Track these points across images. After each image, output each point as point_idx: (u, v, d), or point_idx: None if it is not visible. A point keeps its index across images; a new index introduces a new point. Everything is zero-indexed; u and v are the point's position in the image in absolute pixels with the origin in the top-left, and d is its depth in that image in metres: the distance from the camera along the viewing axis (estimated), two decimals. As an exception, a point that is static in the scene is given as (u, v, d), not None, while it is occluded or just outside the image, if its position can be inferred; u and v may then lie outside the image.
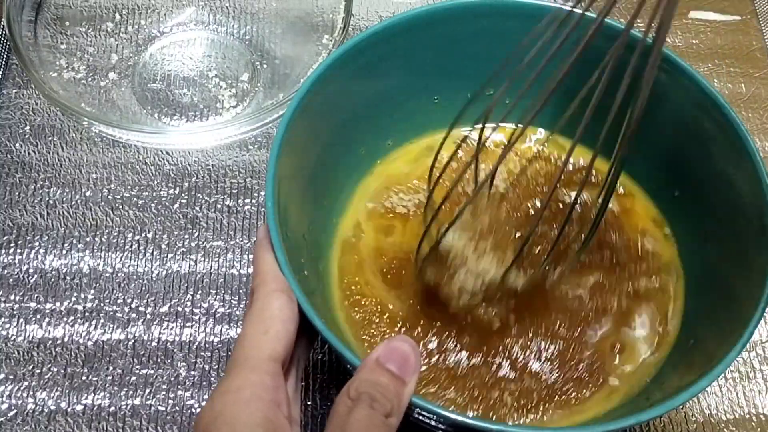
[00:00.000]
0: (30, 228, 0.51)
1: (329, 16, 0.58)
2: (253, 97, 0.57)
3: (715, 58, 0.62)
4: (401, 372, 0.34)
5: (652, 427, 0.47)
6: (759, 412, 0.47)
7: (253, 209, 0.53)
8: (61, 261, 0.50)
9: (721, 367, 0.35)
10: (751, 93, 0.60)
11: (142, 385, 0.46)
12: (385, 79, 0.47)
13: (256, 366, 0.33)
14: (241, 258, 0.51)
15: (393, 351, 0.34)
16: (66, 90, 0.54)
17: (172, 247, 0.51)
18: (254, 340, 0.34)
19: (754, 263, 0.39)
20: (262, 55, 0.59)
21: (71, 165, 0.54)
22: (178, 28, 0.60)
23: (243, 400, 0.32)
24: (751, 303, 0.37)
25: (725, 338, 0.37)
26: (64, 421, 0.45)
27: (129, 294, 0.49)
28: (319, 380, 0.47)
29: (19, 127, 0.55)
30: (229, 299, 0.49)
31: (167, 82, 0.58)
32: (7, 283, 0.49)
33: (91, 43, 0.58)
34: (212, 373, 0.47)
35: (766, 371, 0.49)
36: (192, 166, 0.54)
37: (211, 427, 0.32)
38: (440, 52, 0.47)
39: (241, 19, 0.61)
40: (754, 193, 0.41)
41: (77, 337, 0.48)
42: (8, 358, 0.47)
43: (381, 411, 0.32)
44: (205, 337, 0.48)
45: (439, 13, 0.46)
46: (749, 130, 0.42)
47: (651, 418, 0.35)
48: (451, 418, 0.34)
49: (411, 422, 0.38)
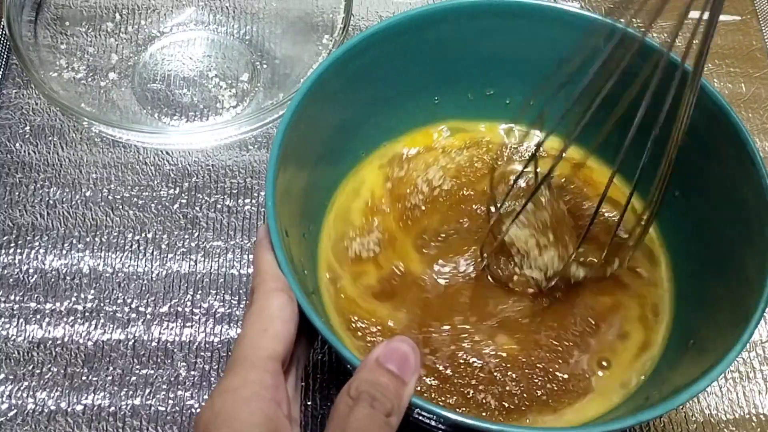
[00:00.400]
0: (30, 228, 0.51)
1: (329, 16, 0.58)
2: (253, 97, 0.57)
3: (715, 58, 0.62)
4: (401, 372, 0.34)
5: (652, 427, 0.47)
6: (759, 412, 0.47)
7: (253, 209, 0.53)
8: (61, 261, 0.50)
9: (720, 368, 0.35)
10: (751, 93, 0.60)
11: (142, 385, 0.46)
12: (385, 80, 0.47)
13: (256, 365, 0.33)
14: (241, 258, 0.51)
15: (393, 351, 0.34)
16: (66, 90, 0.54)
17: (172, 247, 0.51)
18: (254, 340, 0.34)
19: (753, 264, 0.39)
20: (262, 55, 0.59)
21: (71, 165, 0.54)
22: (178, 28, 0.60)
23: (243, 399, 0.32)
24: (750, 303, 0.37)
25: (725, 338, 0.37)
26: (64, 421, 0.45)
27: (129, 294, 0.49)
28: (319, 380, 0.47)
29: (19, 127, 0.55)
30: (229, 299, 0.49)
31: (167, 82, 0.58)
32: (7, 283, 0.49)
33: (91, 43, 0.58)
34: (212, 373, 0.47)
35: (766, 371, 0.49)
36: (192, 166, 0.54)
37: (211, 426, 0.32)
38: (440, 53, 0.47)
39: (241, 19, 0.61)
40: (754, 194, 0.41)
41: (77, 337, 0.48)
42: (8, 358, 0.47)
43: (381, 410, 0.32)
44: (205, 337, 0.48)
45: (439, 13, 0.46)
46: (749, 130, 0.42)
47: (650, 419, 0.35)
48: (451, 418, 0.34)
49: (411, 422, 0.38)
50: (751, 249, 0.40)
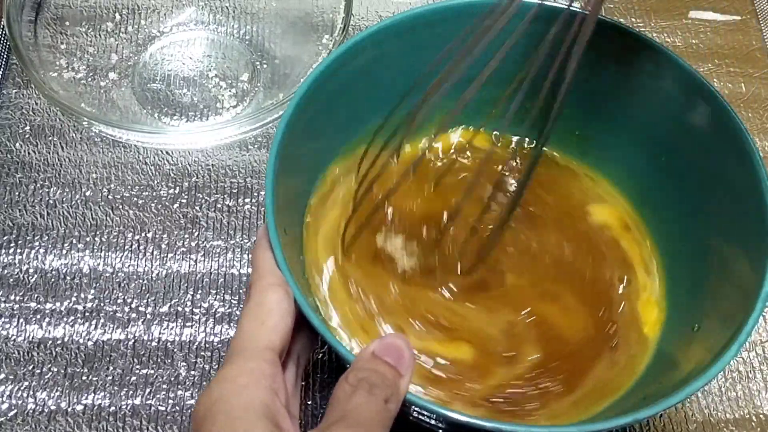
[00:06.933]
0: (30, 228, 0.51)
1: (329, 16, 0.58)
2: (253, 97, 0.57)
3: (715, 58, 0.62)
4: (397, 365, 0.34)
5: (652, 426, 0.47)
6: (759, 411, 0.47)
7: (253, 209, 0.53)
8: (61, 261, 0.50)
9: (717, 367, 0.35)
10: (751, 93, 0.60)
11: (142, 385, 0.46)
12: (385, 80, 0.47)
13: (254, 355, 0.34)
14: (241, 258, 0.51)
15: (388, 346, 0.35)
16: (66, 90, 0.54)
17: (172, 247, 0.51)
18: (251, 332, 0.34)
19: (752, 264, 0.39)
20: (262, 55, 0.59)
21: (71, 165, 0.54)
22: (178, 28, 0.60)
23: (240, 387, 0.32)
24: (749, 302, 0.37)
25: (723, 337, 0.37)
26: (64, 421, 0.45)
27: (129, 294, 0.49)
28: (319, 380, 0.47)
29: (19, 127, 0.55)
30: (229, 299, 0.49)
31: (167, 82, 0.58)
32: (7, 283, 0.49)
33: (91, 43, 0.58)
34: (212, 373, 0.47)
35: (766, 371, 0.49)
36: (192, 166, 0.54)
37: (208, 413, 0.32)
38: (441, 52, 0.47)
39: (241, 19, 0.61)
40: (754, 194, 0.41)
41: (77, 337, 0.48)
42: (8, 358, 0.47)
43: (380, 396, 0.33)
44: (205, 337, 0.48)
45: (439, 13, 0.46)
46: (749, 130, 0.42)
47: (647, 417, 0.35)
48: (450, 416, 0.34)
49: (411, 422, 0.38)
50: (750, 249, 0.40)
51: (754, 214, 0.40)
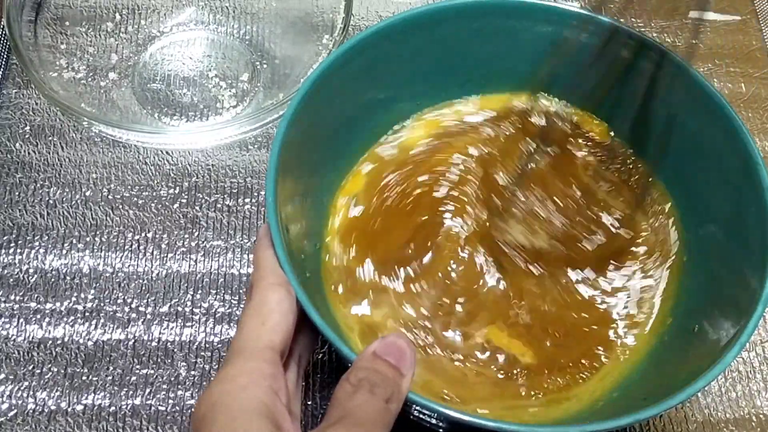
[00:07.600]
0: (30, 228, 0.51)
1: (329, 16, 0.58)
2: (253, 97, 0.57)
3: (715, 58, 0.62)
4: (398, 365, 0.34)
5: (652, 426, 0.47)
6: (759, 411, 0.47)
7: (253, 209, 0.53)
8: (61, 261, 0.50)
9: (718, 368, 0.35)
10: (751, 93, 0.60)
11: (142, 385, 0.46)
12: (386, 80, 0.47)
13: (254, 354, 0.34)
14: (241, 258, 0.51)
15: (389, 346, 0.35)
16: (66, 90, 0.54)
17: (172, 247, 0.51)
18: (252, 332, 0.34)
19: (752, 264, 0.39)
20: (262, 55, 0.59)
21: (71, 165, 0.54)
22: (178, 28, 0.60)
23: (240, 386, 0.32)
24: (751, 304, 0.37)
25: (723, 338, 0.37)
26: (64, 421, 0.45)
27: (129, 294, 0.49)
28: (319, 380, 0.47)
29: (19, 127, 0.55)
30: (229, 299, 0.49)
31: (167, 82, 0.58)
32: (7, 283, 0.49)
33: (91, 43, 0.58)
34: (212, 373, 0.47)
35: (766, 371, 0.49)
36: (192, 166, 0.54)
37: (209, 413, 0.32)
38: (441, 52, 0.47)
39: (241, 19, 0.61)
40: (754, 194, 0.41)
41: (77, 337, 0.48)
42: (8, 358, 0.47)
43: (381, 396, 0.33)
44: (205, 337, 0.48)
45: (439, 13, 0.46)
46: (749, 130, 0.42)
47: (648, 417, 0.35)
48: (451, 415, 0.34)
49: (411, 422, 0.38)
50: (750, 249, 0.40)
51: (755, 214, 0.41)
